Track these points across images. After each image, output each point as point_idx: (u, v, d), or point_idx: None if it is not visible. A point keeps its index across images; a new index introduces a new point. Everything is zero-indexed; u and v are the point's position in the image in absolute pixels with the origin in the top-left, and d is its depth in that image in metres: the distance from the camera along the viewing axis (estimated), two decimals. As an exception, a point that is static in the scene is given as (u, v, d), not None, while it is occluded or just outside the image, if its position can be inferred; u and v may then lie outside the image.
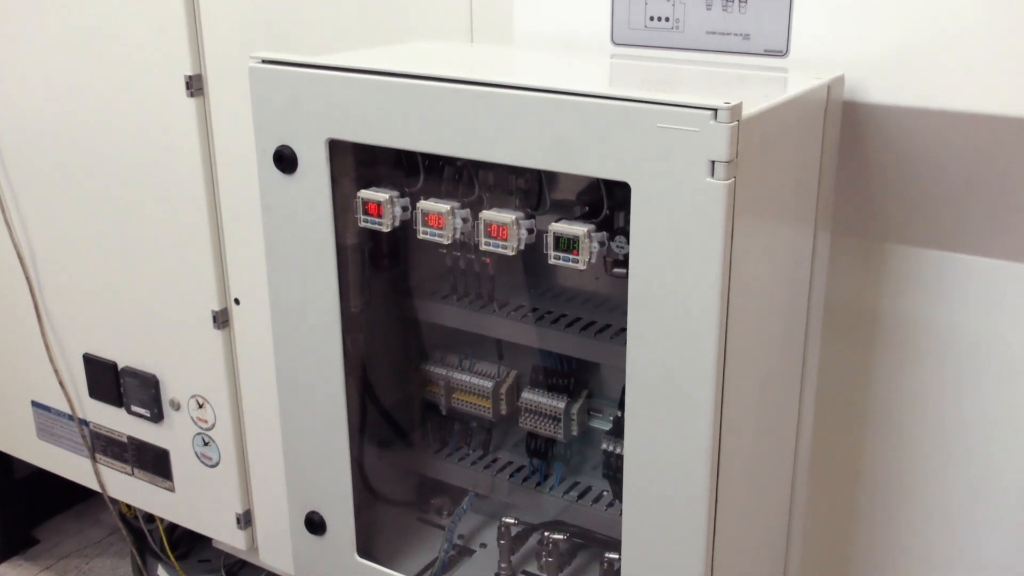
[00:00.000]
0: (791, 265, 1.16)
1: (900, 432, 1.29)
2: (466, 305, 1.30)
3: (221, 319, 1.75)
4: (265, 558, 1.89)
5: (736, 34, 1.22)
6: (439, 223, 1.13)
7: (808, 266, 1.20)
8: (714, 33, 1.23)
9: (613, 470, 1.23)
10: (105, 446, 1.99)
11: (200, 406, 1.84)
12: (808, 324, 1.22)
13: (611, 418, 1.29)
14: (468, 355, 1.36)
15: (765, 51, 1.21)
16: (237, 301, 1.74)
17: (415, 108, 1.05)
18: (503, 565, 1.35)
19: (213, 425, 1.84)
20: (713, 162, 0.89)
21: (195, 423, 1.86)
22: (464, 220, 1.13)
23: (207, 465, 1.88)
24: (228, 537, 1.90)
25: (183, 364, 1.83)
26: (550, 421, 1.29)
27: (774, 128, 1.00)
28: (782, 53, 1.21)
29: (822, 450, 1.33)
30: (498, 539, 1.35)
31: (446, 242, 1.14)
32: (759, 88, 1.12)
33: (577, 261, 1.05)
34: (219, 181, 1.67)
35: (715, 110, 0.88)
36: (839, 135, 1.18)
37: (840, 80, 1.16)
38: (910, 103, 1.14)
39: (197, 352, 1.80)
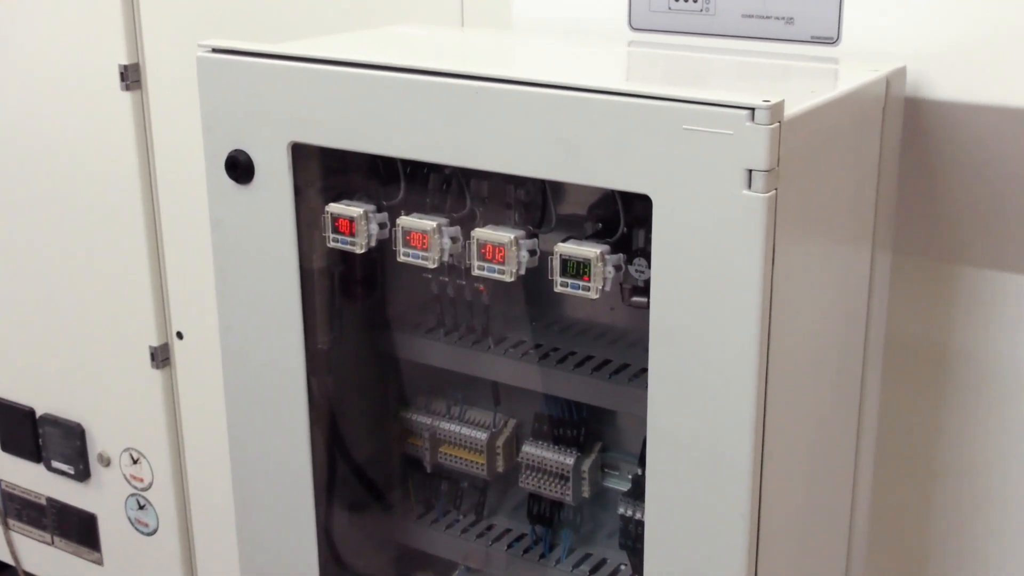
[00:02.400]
0: (845, 292, 1.17)
1: (975, 489, 1.29)
2: (455, 341, 1.30)
3: (160, 357, 1.76)
4: (212, 646, 1.89)
5: (777, 17, 1.24)
6: (423, 243, 1.13)
7: (865, 293, 1.21)
8: (751, 16, 1.25)
9: (632, 539, 1.23)
10: (20, 510, 1.99)
11: (135, 461, 1.84)
12: (866, 362, 1.23)
13: (629, 477, 1.30)
14: (458, 401, 1.37)
15: (812, 38, 1.23)
16: (180, 335, 1.74)
17: (394, 106, 1.06)
18: (500, 654, 1.35)
19: (150, 485, 1.84)
20: (750, 171, 0.90)
21: (128, 482, 1.87)
22: (453, 239, 1.14)
23: (143, 533, 1.88)
24: (167, 620, 1.90)
25: (114, 411, 1.83)
26: (556, 480, 1.29)
27: (823, 130, 1.01)
28: (832, 40, 1.22)
29: (883, 513, 1.33)
30: (494, 622, 1.35)
31: (432, 266, 1.14)
32: (805, 82, 1.13)
33: (588, 288, 1.05)
34: (159, 191, 1.68)
35: (752, 109, 0.89)
36: (900, 138, 1.20)
37: (901, 73, 1.17)
38: (985, 100, 1.16)
39: (131, 396, 1.80)
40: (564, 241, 1.07)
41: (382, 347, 1.38)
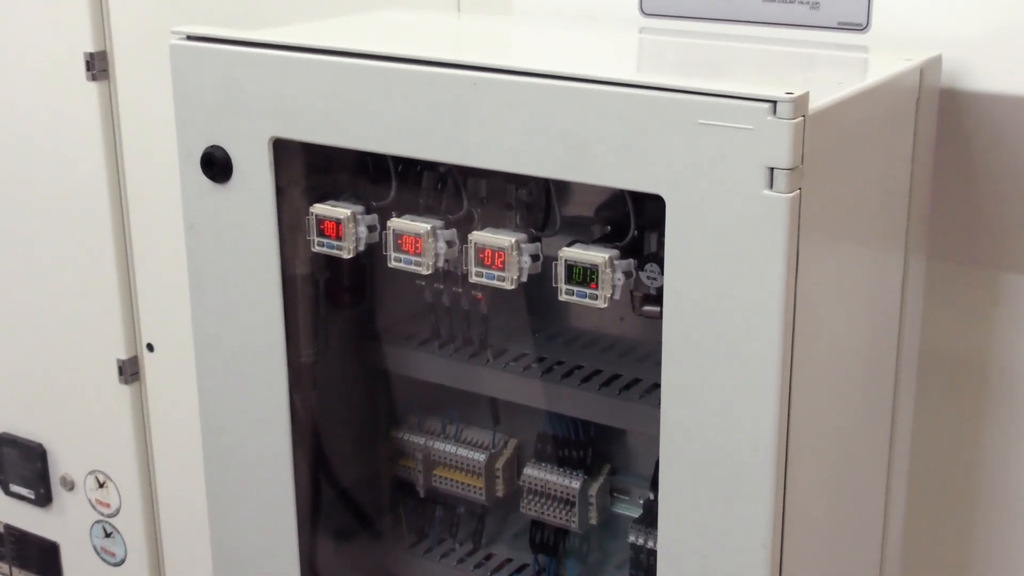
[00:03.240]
0: (875, 301, 1.17)
1: (1019, 516, 1.29)
2: (451, 354, 1.31)
3: (129, 371, 1.76)
4: None
5: (802, 2, 1.24)
6: (416, 247, 1.14)
7: (897, 302, 1.21)
8: (773, 1, 1.25)
9: (643, 571, 1.23)
10: (-25, 538, 1.99)
11: (101, 485, 1.85)
12: (898, 377, 1.23)
13: (640, 502, 1.30)
14: (454, 420, 1.37)
15: (839, 24, 1.23)
16: (151, 347, 1.75)
17: (385, 98, 1.06)
18: None
19: (117, 511, 1.84)
20: (772, 169, 0.90)
21: (94, 507, 1.87)
22: (449, 243, 1.14)
23: (109, 563, 1.88)
24: (136, 658, 1.90)
25: (79, 430, 1.84)
26: (561, 506, 1.30)
27: (851, 125, 1.02)
28: (861, 27, 1.22)
29: (917, 540, 1.33)
30: (493, 661, 1.35)
31: (425, 272, 1.15)
32: (831, 73, 1.14)
33: (596, 297, 1.06)
34: (128, 191, 1.68)
35: (774, 102, 0.89)
36: (935, 133, 1.20)
37: (936, 62, 1.17)
38: (1027, 91, 1.16)
39: (98, 414, 1.80)
40: (569, 245, 1.07)
41: (371, 361, 1.38)
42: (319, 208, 1.17)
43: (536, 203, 1.17)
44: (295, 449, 1.22)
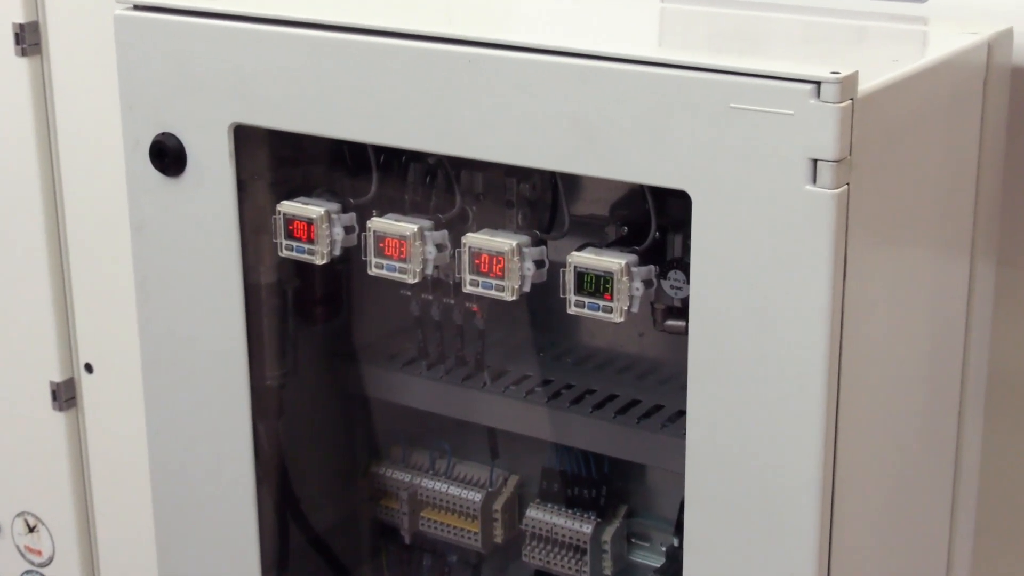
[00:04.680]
0: (936, 312, 1.17)
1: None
2: (442, 376, 1.31)
3: (65, 395, 1.76)
4: None
5: (849, -35, 1.25)
6: (401, 252, 1.14)
7: (962, 313, 1.21)
8: (816, -36, 1.26)
9: (667, 628, 1.24)
10: None
11: (31, 529, 1.85)
12: (963, 398, 1.23)
13: (663, 549, 1.30)
14: (445, 453, 1.37)
15: (893, -9, 1.24)
16: (89, 368, 1.75)
17: (365, 78, 1.06)
18: None
19: (50, 559, 1.84)
20: (815, 161, 0.90)
21: (23, 555, 1.87)
22: (439, 247, 1.15)
23: (41, 620, 1.88)
24: None
25: (5, 465, 1.84)
26: (571, 553, 1.30)
27: (908, 109, 1.02)
28: (919, -6, 1.23)
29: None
30: None
31: (412, 281, 1.15)
32: (885, 49, 1.14)
33: (611, 310, 1.06)
34: (64, 185, 1.68)
35: (817, 83, 0.89)
36: (1007, 118, 1.20)
37: (1007, 35, 1.18)
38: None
39: (27, 446, 1.80)
40: (580, 250, 1.07)
41: (348, 384, 1.38)
42: (287, 206, 1.18)
43: (541, 200, 1.17)
44: (259, 487, 1.22)
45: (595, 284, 1.06)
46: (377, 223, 1.15)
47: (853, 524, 1.01)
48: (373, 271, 1.15)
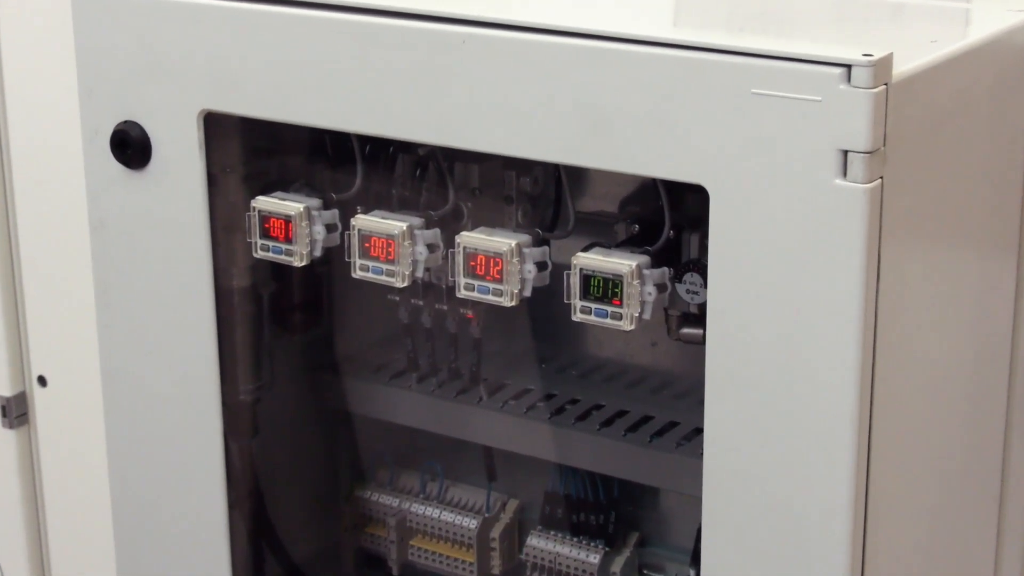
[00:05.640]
0: (980, 315, 1.17)
1: None
2: (433, 390, 1.31)
3: (15, 411, 1.76)
4: None
5: (883, -64, 1.25)
6: (388, 252, 1.14)
7: (1008, 315, 1.21)
8: (847, -65, 1.26)
9: (682, 669, 1.24)
10: None
11: (-22, 560, 1.85)
12: (1011, 408, 1.23)
13: (678, 580, 1.31)
14: (437, 475, 1.37)
15: (932, -35, 1.24)
16: (42, 381, 1.75)
17: (348, 61, 1.06)
18: None
19: (0, 594, 1.84)
20: (846, 152, 0.91)
21: (-31, 590, 1.87)
22: (430, 247, 1.15)
23: (-11, 662, 1.88)
24: None
25: (-50, 489, 1.84)
26: (575, 586, 1.30)
27: (948, 96, 1.02)
28: (960, -32, 1.23)
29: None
30: None
31: (400, 284, 1.15)
32: (922, 28, 1.14)
33: (620, 316, 1.06)
34: (13, 179, 1.69)
35: (848, 67, 0.89)
36: (1057, 104, 1.21)
37: (1057, 14, 1.18)
38: None
39: (-26, 468, 1.80)
40: (586, 250, 1.08)
41: (329, 399, 1.38)
42: (263, 202, 1.18)
43: (543, 196, 1.18)
44: (231, 513, 1.23)
45: (603, 288, 1.06)
46: (362, 221, 1.15)
47: (889, 552, 1.01)
48: (358, 274, 1.15)
